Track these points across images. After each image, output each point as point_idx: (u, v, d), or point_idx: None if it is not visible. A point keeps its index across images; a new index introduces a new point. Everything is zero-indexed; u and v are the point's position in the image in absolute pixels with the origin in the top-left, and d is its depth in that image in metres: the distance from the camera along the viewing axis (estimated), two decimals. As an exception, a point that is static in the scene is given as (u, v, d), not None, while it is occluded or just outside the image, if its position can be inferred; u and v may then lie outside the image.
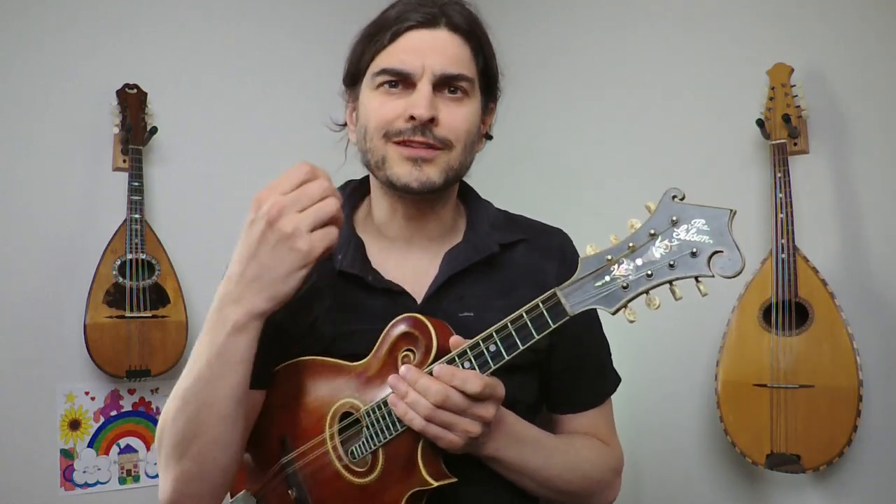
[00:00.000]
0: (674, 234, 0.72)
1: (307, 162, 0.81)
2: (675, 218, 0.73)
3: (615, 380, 1.10)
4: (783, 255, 1.64)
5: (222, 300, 0.82)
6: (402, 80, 0.92)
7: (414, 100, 0.90)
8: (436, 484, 0.83)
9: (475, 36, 0.95)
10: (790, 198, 1.64)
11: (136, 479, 2.17)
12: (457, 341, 0.83)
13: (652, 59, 2.12)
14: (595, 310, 1.08)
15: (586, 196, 2.25)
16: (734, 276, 0.70)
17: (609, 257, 0.75)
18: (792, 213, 1.64)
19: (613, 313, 0.76)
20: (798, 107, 1.70)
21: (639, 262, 0.74)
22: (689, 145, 2.01)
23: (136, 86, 2.14)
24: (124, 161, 2.11)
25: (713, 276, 0.71)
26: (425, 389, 0.80)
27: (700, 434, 1.95)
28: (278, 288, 0.80)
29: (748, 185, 1.86)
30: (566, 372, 1.03)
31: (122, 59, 2.19)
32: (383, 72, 0.92)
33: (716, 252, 0.71)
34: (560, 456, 0.96)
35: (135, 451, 2.17)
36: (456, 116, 0.92)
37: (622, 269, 0.75)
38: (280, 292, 0.80)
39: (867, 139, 1.69)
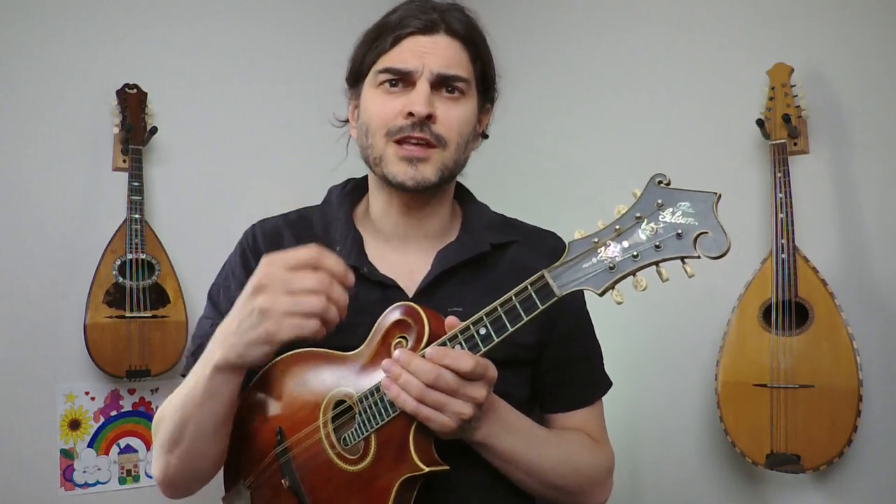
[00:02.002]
0: (659, 217, 0.74)
1: (321, 249, 0.82)
2: (660, 202, 0.74)
3: (606, 382, 1.11)
4: (783, 255, 1.64)
5: (214, 337, 0.89)
6: (402, 79, 0.96)
7: (412, 97, 0.94)
8: (427, 469, 0.83)
9: (473, 41, 1.00)
10: (790, 198, 1.65)
11: (137, 479, 2.17)
12: (452, 321, 0.84)
13: (651, 59, 2.12)
14: (586, 311, 1.11)
15: (586, 197, 2.24)
16: (720, 257, 0.71)
17: (596, 240, 0.77)
18: (792, 213, 1.64)
19: (601, 294, 0.77)
20: (798, 107, 1.70)
21: (625, 244, 0.75)
22: (689, 145, 2.01)
23: (136, 86, 2.14)
24: (124, 161, 2.11)
25: (699, 257, 0.72)
26: (417, 370, 0.81)
27: (700, 434, 1.95)
28: (244, 351, 0.84)
29: (748, 185, 1.85)
30: (557, 370, 1.05)
31: (122, 59, 2.19)
32: (386, 70, 0.97)
33: (701, 233, 0.72)
34: (553, 448, 0.97)
35: (135, 451, 2.17)
36: (452, 115, 0.97)
37: (609, 252, 0.76)
38: (246, 355, 0.85)
39: (867, 139, 1.69)
